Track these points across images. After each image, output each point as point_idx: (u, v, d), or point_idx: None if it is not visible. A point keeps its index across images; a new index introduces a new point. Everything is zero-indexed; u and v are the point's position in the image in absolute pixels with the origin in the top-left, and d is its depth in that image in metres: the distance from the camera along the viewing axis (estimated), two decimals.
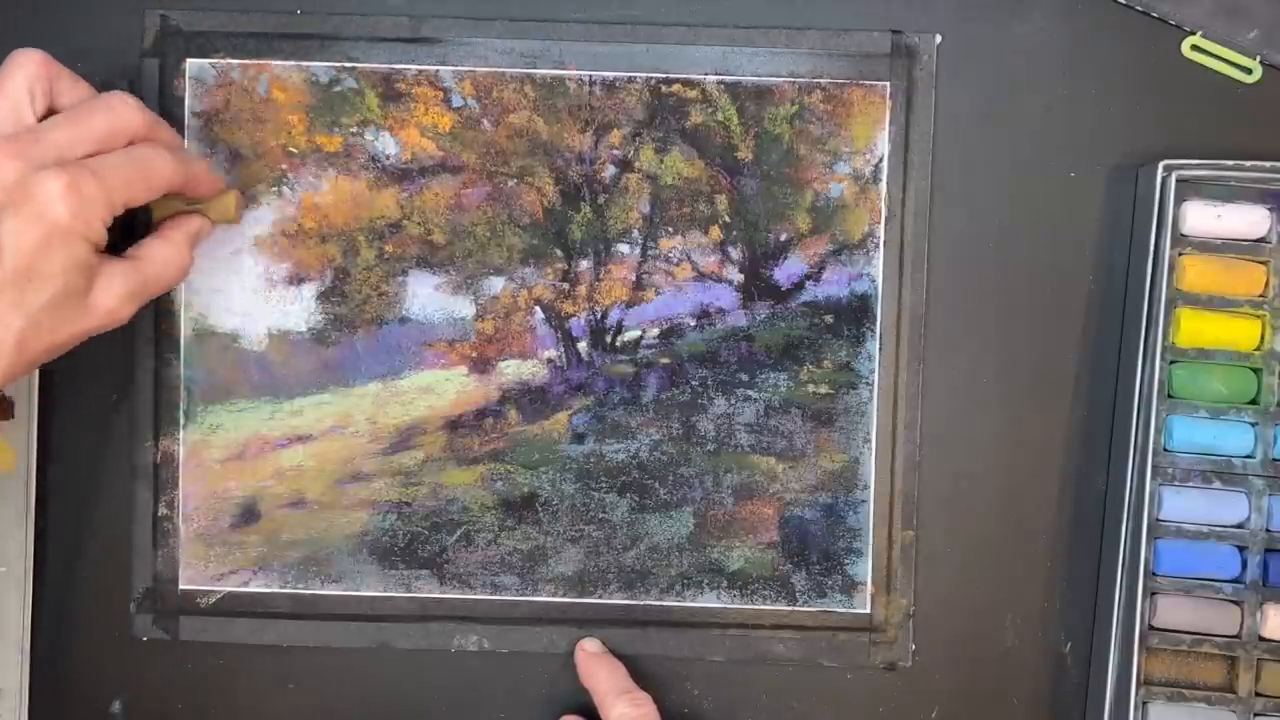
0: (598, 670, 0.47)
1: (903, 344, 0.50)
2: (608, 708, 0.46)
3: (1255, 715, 0.47)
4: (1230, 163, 0.47)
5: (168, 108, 0.49)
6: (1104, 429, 0.50)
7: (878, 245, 0.50)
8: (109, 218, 0.40)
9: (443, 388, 0.50)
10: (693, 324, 0.50)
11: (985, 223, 0.50)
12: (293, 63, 0.49)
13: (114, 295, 0.41)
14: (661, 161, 0.50)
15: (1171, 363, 0.48)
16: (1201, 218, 0.48)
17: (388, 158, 0.49)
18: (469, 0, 0.49)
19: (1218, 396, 0.48)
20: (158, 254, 0.43)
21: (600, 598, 0.50)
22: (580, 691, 0.48)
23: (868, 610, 0.50)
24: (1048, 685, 0.50)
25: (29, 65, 0.41)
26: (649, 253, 0.50)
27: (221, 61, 0.49)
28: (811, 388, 0.50)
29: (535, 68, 0.49)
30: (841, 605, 0.50)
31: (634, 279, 0.50)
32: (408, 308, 0.50)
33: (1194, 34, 0.49)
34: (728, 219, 0.50)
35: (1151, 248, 0.47)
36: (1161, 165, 0.47)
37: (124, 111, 0.41)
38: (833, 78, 0.49)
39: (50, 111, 0.42)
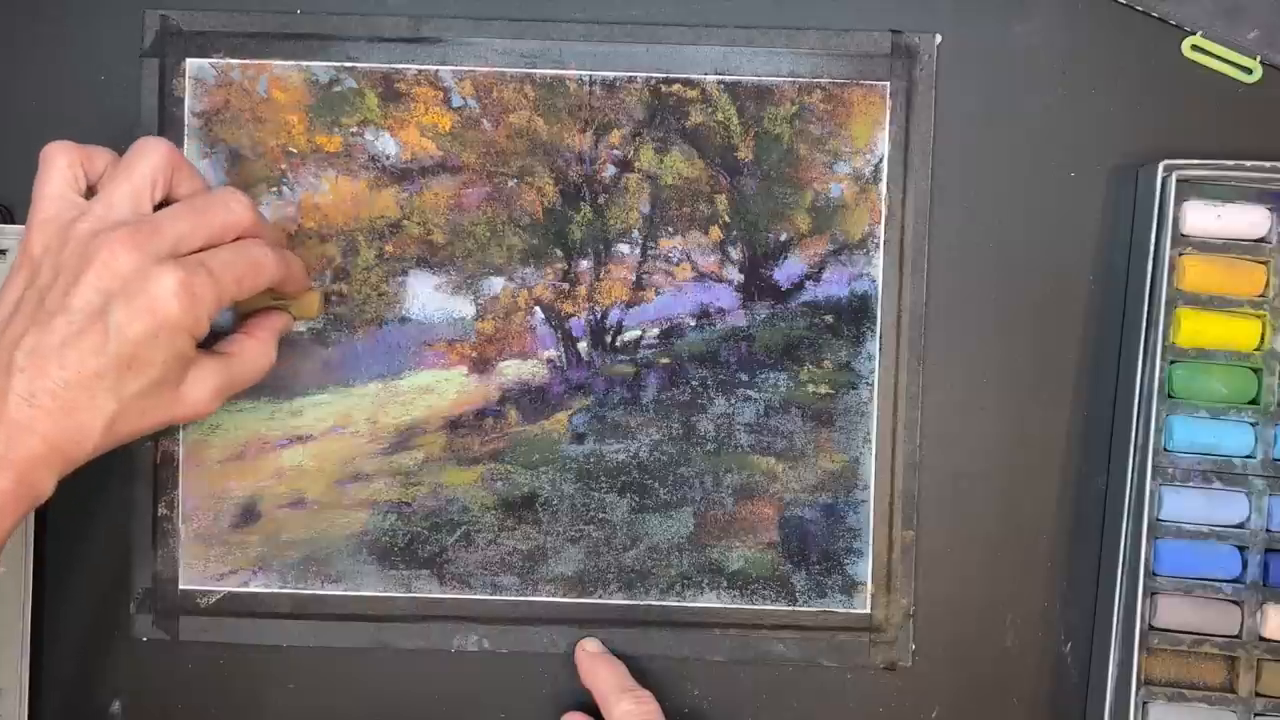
0: (599, 669, 0.47)
1: (903, 344, 0.50)
2: (610, 706, 0.46)
3: (1255, 715, 0.47)
4: (1230, 163, 0.47)
5: (168, 108, 0.49)
6: (1104, 429, 0.50)
7: (878, 245, 0.50)
8: (216, 314, 0.41)
9: (443, 388, 0.50)
10: (693, 324, 0.50)
11: (985, 223, 0.50)
12: (293, 63, 0.49)
13: (205, 389, 0.42)
14: (661, 161, 0.50)
15: (1172, 363, 0.48)
16: (1201, 218, 0.48)
17: (388, 158, 0.49)
18: (469, 0, 0.49)
19: (1218, 396, 0.48)
20: (248, 351, 0.44)
21: (600, 598, 0.50)
22: (580, 691, 0.48)
23: (868, 610, 0.50)
24: (1048, 685, 0.50)
25: (155, 156, 0.41)
26: (649, 253, 0.50)
27: (221, 61, 0.49)
28: (811, 388, 0.50)
29: (535, 68, 0.49)
30: (841, 605, 0.50)
31: (634, 279, 0.50)
32: (408, 308, 0.50)
33: (1194, 34, 0.49)
34: (728, 219, 0.50)
35: (1151, 248, 0.47)
36: (1161, 165, 0.47)
37: (237, 208, 0.42)
38: (833, 78, 0.49)
39: (166, 201, 0.42)
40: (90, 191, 0.42)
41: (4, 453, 0.38)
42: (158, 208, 0.42)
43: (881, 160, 0.49)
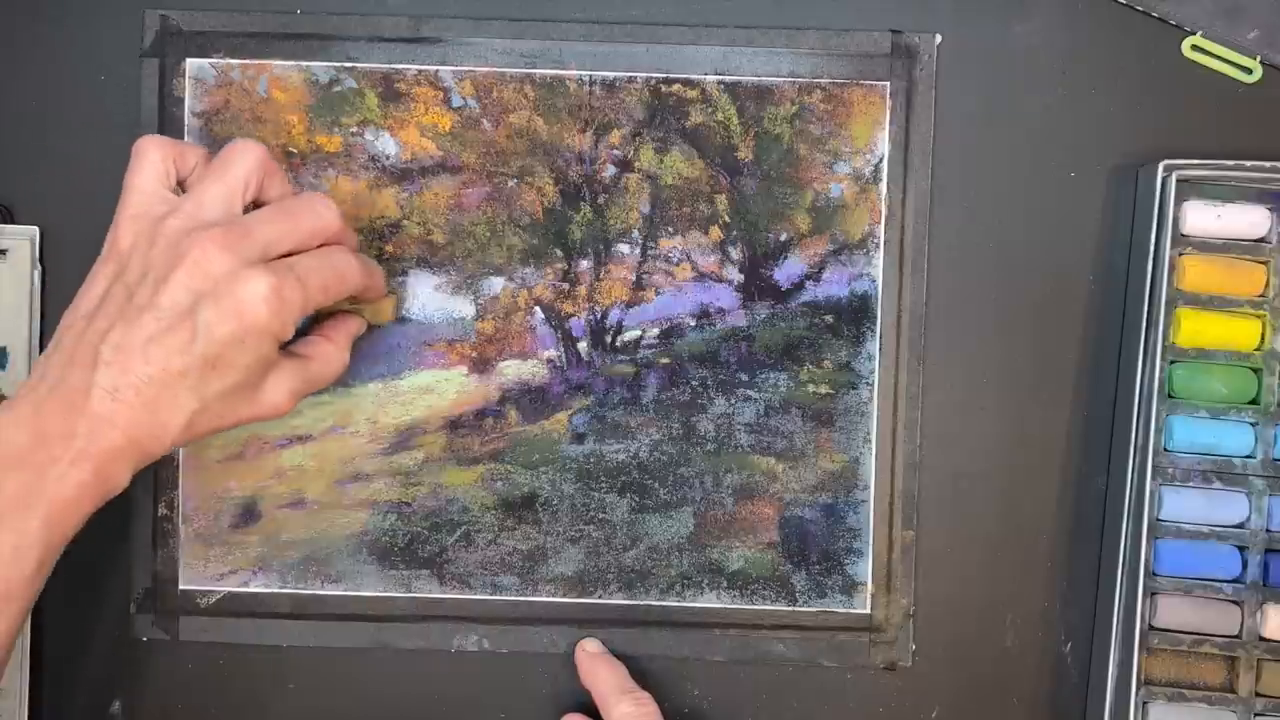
0: (599, 670, 0.47)
1: (903, 344, 0.50)
2: (610, 708, 0.46)
3: (1255, 715, 0.47)
4: (1230, 163, 0.47)
5: (168, 108, 0.49)
6: (1104, 429, 0.50)
7: (878, 245, 0.50)
8: (300, 319, 0.41)
9: (443, 388, 0.50)
10: (693, 324, 0.50)
11: (985, 223, 0.50)
12: (293, 63, 0.49)
13: (282, 391, 0.42)
14: (661, 161, 0.50)
15: (1172, 363, 0.48)
16: (1201, 218, 0.48)
17: (388, 158, 0.49)
18: (469, 0, 0.49)
19: (1218, 396, 0.48)
20: (325, 355, 0.44)
21: (600, 598, 0.50)
22: (581, 691, 0.48)
23: (868, 610, 0.50)
24: (1048, 685, 0.50)
25: (250, 158, 0.41)
26: (649, 253, 0.50)
27: (221, 61, 0.49)
28: (811, 388, 0.50)
29: (535, 68, 0.49)
30: (841, 605, 0.50)
31: (634, 279, 0.50)
32: (408, 308, 0.50)
33: (1194, 34, 0.49)
34: (728, 219, 0.50)
35: (1151, 248, 0.47)
36: (1161, 165, 0.47)
37: (326, 214, 0.42)
38: (833, 78, 0.49)
39: (256, 204, 0.42)
40: (180, 188, 0.42)
41: (85, 445, 0.38)
42: (247, 210, 0.42)
43: (881, 160, 0.49)
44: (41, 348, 0.49)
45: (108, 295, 0.40)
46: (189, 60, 0.49)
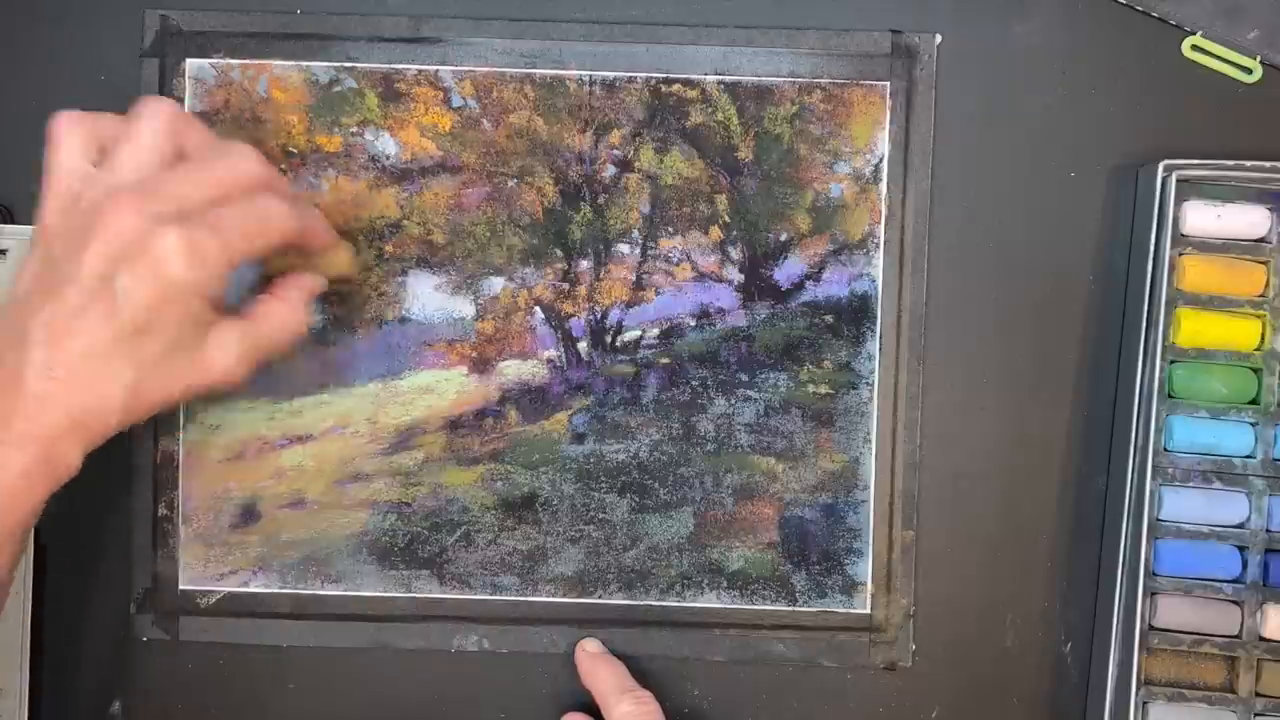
0: (599, 670, 0.47)
1: (903, 344, 0.50)
2: (610, 707, 0.46)
3: (1255, 715, 0.47)
4: (1230, 163, 0.47)
5: None
6: (1104, 429, 0.50)
7: (878, 245, 0.50)
8: (227, 273, 0.40)
9: (443, 388, 0.50)
10: (693, 324, 0.50)
11: (985, 223, 0.50)
12: (293, 63, 0.49)
13: (228, 354, 0.41)
14: (661, 161, 0.50)
15: (1171, 363, 0.48)
16: (1201, 218, 0.48)
17: (388, 158, 0.49)
18: (469, 0, 0.49)
19: (1218, 396, 0.48)
20: (274, 313, 0.43)
21: (600, 598, 0.50)
22: (581, 691, 0.48)
23: (868, 610, 0.50)
24: (1048, 685, 0.50)
25: (157, 115, 0.41)
26: (649, 253, 0.50)
27: (221, 61, 0.49)
28: (811, 388, 0.50)
29: (535, 68, 0.49)
30: (841, 605, 0.50)
31: (634, 279, 0.50)
32: (408, 308, 0.50)
33: (1194, 34, 0.49)
34: (728, 219, 0.50)
35: (1151, 248, 0.47)
36: (1161, 165, 0.47)
37: (242, 163, 0.41)
38: (833, 78, 0.49)
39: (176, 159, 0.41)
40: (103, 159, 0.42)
41: (27, 427, 0.38)
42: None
43: (881, 160, 0.49)
44: None
45: (37, 276, 0.40)
46: (189, 60, 0.49)
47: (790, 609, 0.50)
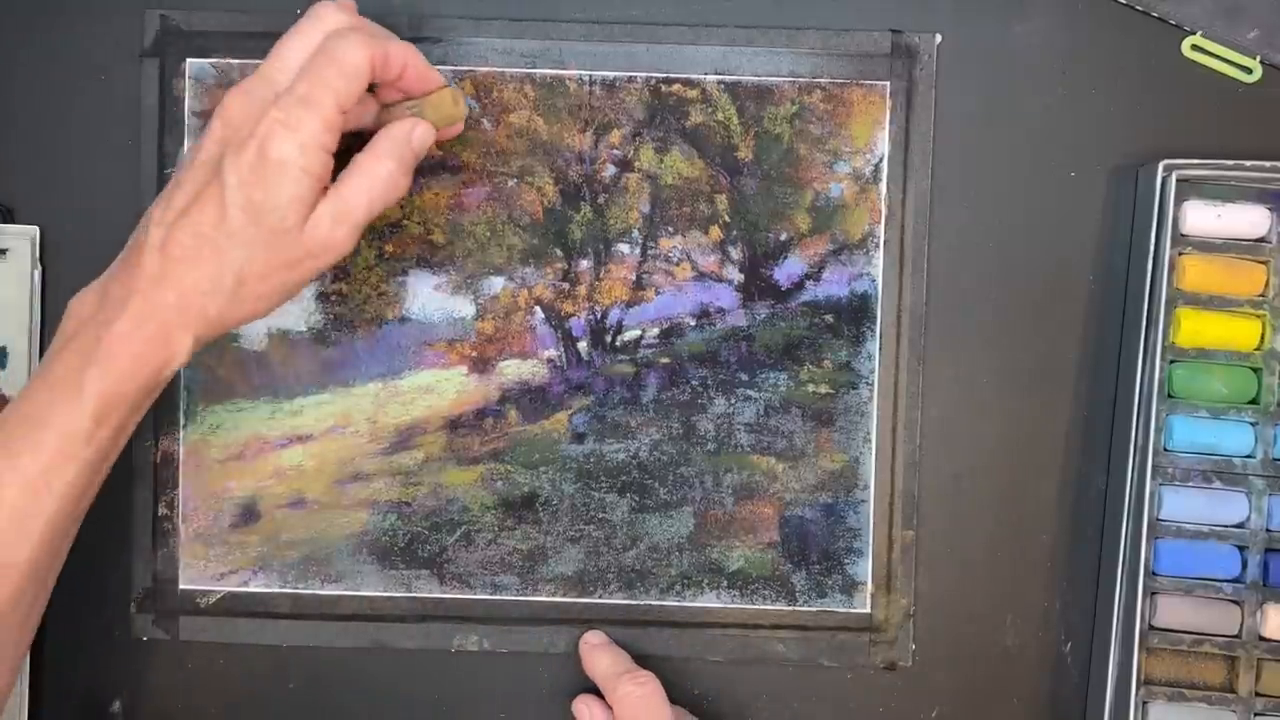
0: (600, 657, 0.47)
1: (903, 344, 0.50)
2: (611, 689, 0.46)
3: (1255, 715, 0.47)
4: (1230, 163, 0.47)
5: (168, 108, 0.49)
6: (1104, 429, 0.50)
7: (878, 245, 0.50)
8: (330, 140, 0.40)
9: (443, 388, 0.50)
10: (693, 324, 0.50)
11: (985, 223, 0.50)
12: None
13: (321, 225, 0.41)
14: (661, 161, 0.50)
15: (1171, 362, 0.48)
16: (1201, 218, 0.48)
17: None
18: (469, 0, 0.49)
19: (1218, 396, 0.48)
20: (361, 167, 0.42)
21: (600, 598, 0.50)
22: (582, 688, 0.48)
23: (868, 610, 0.50)
24: (1048, 685, 0.50)
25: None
26: (649, 253, 0.50)
27: (221, 61, 0.49)
28: (811, 387, 0.50)
29: (535, 68, 0.49)
30: (841, 605, 0.50)
31: (634, 279, 0.50)
32: (408, 308, 0.50)
33: (1194, 34, 0.49)
34: (728, 219, 0.50)
35: (1151, 248, 0.47)
36: (1161, 165, 0.47)
37: (326, 15, 0.42)
38: (833, 78, 0.49)
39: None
40: None
41: (142, 306, 0.39)
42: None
43: (881, 160, 0.49)
44: (42, 347, 0.49)
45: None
46: (189, 60, 0.49)
47: (790, 609, 0.50)
